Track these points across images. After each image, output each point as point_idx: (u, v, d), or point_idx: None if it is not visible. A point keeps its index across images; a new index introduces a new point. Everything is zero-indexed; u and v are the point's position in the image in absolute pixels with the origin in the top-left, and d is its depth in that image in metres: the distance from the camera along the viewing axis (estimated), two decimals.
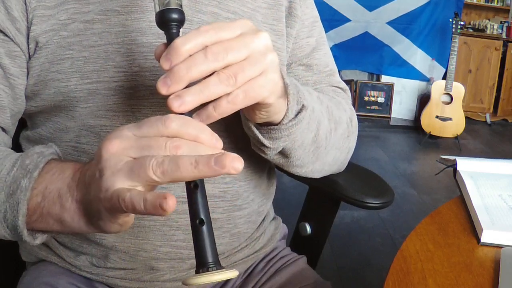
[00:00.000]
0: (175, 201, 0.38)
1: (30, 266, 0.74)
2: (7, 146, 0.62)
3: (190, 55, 0.43)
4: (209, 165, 0.39)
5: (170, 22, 0.47)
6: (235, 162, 0.39)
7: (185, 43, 0.43)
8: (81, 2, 0.60)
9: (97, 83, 0.60)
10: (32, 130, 0.68)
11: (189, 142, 0.41)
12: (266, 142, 0.57)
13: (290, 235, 0.92)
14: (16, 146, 0.69)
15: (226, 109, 0.45)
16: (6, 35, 0.59)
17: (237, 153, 0.41)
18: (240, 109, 0.56)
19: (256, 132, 0.57)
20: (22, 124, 0.70)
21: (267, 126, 0.56)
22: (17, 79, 0.61)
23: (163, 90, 0.43)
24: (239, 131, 0.62)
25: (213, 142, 0.42)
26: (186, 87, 0.43)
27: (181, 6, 0.48)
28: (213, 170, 0.39)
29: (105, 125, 0.61)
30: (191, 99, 0.43)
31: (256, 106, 0.51)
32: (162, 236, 0.65)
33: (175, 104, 0.42)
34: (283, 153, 0.63)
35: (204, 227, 0.43)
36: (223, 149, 0.43)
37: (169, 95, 0.43)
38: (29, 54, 0.60)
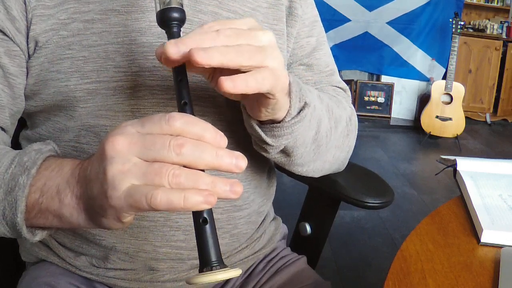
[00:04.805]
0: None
1: (30, 266, 0.74)
2: (6, 145, 0.62)
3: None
4: (225, 190, 0.40)
5: (171, 21, 0.47)
6: (239, 161, 0.41)
7: (191, 37, 0.43)
8: (81, 1, 0.60)
9: (97, 83, 0.60)
10: (31, 129, 0.68)
11: (193, 141, 0.40)
12: (268, 140, 0.57)
13: (290, 235, 0.92)
14: (16, 146, 0.69)
15: (250, 81, 0.44)
16: (5, 34, 0.59)
17: None
18: (243, 107, 0.56)
19: (259, 130, 0.57)
20: (22, 123, 0.70)
21: (270, 124, 0.56)
22: (16, 79, 0.61)
23: (171, 49, 0.42)
24: (241, 131, 0.62)
25: (217, 140, 0.41)
26: None
27: (182, 5, 0.48)
28: (227, 195, 0.41)
29: (105, 125, 0.61)
30: (213, 56, 0.42)
31: (262, 102, 0.51)
32: (162, 237, 0.65)
33: (199, 55, 0.41)
34: (284, 152, 0.62)
35: (207, 226, 0.42)
36: None
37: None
38: (28, 53, 0.60)
